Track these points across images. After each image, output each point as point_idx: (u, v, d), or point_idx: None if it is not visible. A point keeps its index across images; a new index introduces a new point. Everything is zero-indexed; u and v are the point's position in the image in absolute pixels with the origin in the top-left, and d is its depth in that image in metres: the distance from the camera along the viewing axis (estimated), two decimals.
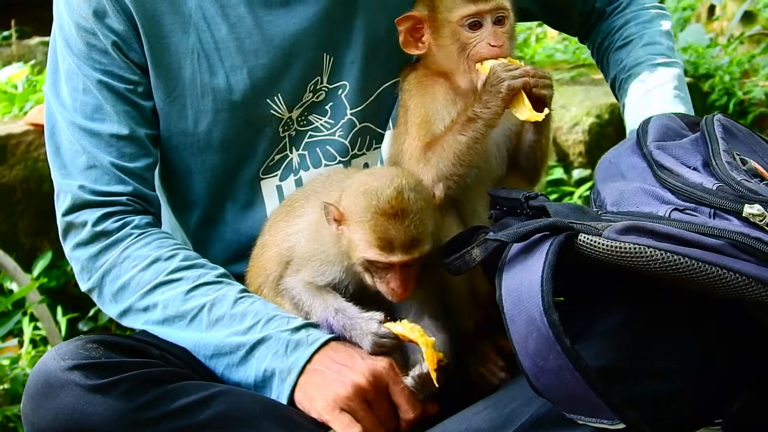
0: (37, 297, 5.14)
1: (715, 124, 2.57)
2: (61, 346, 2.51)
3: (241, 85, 2.81)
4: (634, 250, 2.19)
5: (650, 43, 3.01)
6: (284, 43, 2.80)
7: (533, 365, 2.23)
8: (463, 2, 2.69)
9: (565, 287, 2.30)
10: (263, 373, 2.55)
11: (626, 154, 2.59)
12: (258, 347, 2.56)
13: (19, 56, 8.89)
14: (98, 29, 2.75)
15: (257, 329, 2.58)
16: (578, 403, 2.22)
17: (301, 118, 2.87)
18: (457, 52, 2.71)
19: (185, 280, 2.67)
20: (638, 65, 3.00)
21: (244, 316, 2.61)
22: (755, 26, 9.69)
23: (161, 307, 2.65)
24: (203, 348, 2.62)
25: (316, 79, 2.84)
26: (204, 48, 2.79)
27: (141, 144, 2.79)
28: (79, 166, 2.76)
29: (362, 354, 2.54)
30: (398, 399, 2.53)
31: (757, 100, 8.33)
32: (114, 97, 2.77)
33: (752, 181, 2.36)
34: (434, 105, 2.74)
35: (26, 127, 5.85)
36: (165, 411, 2.44)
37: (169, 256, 2.70)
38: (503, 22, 2.70)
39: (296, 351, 2.54)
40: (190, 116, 2.83)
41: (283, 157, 2.88)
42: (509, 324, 2.25)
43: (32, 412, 2.46)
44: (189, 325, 2.63)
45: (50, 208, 2.89)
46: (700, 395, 2.43)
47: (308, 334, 2.57)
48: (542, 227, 2.27)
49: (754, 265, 2.17)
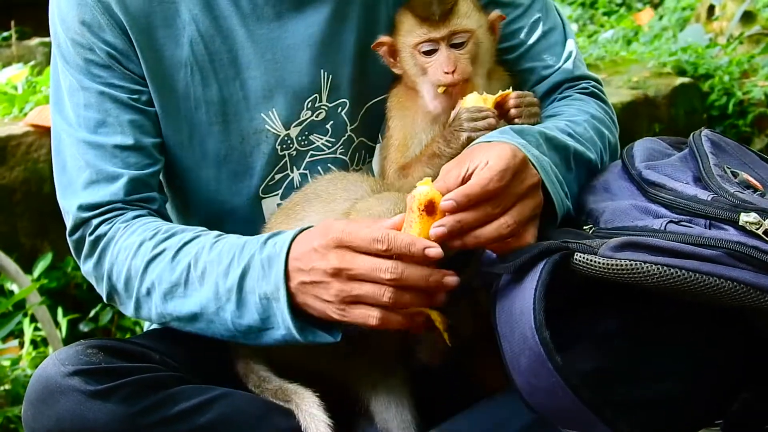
0: (37, 298, 5.14)
1: (703, 140, 2.58)
2: (61, 352, 2.51)
3: (234, 97, 2.82)
4: (631, 266, 2.20)
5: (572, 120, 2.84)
6: (277, 56, 2.80)
7: (526, 383, 2.25)
8: (415, 28, 2.71)
9: (566, 300, 2.31)
10: (261, 304, 2.49)
11: (613, 178, 2.60)
12: (244, 281, 2.50)
13: (18, 57, 8.88)
14: (94, 44, 2.75)
15: (235, 265, 2.52)
16: (572, 418, 2.23)
17: (302, 138, 2.87)
18: (419, 76, 2.74)
19: (168, 250, 2.62)
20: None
21: (220, 258, 2.55)
22: (755, 26, 9.70)
23: (157, 284, 2.62)
24: (208, 307, 2.56)
25: (314, 96, 2.84)
26: (197, 60, 2.79)
27: (146, 153, 2.79)
28: (81, 183, 2.75)
29: (318, 237, 2.43)
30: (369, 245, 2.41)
31: (756, 100, 8.35)
32: (117, 107, 2.76)
33: (745, 192, 2.36)
34: (413, 128, 2.76)
35: (26, 129, 5.84)
36: (165, 416, 2.45)
37: (152, 235, 2.66)
38: (463, 45, 2.70)
39: (272, 267, 2.47)
40: (185, 129, 2.83)
41: (284, 177, 2.88)
42: (502, 342, 2.27)
43: (33, 417, 2.46)
44: (186, 290, 2.59)
45: (50, 210, 2.90)
46: (698, 398, 2.43)
47: (274, 243, 2.50)
48: (538, 255, 2.28)
49: (752, 273, 2.18)
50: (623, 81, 8.28)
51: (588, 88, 2.97)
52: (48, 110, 5.84)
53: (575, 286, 2.35)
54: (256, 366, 2.68)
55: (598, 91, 2.99)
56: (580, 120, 2.78)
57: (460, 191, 2.34)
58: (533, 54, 2.93)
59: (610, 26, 10.89)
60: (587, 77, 2.99)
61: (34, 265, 5.64)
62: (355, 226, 2.38)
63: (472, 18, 2.73)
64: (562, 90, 2.95)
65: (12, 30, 9.51)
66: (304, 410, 2.54)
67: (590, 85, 2.98)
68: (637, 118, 7.84)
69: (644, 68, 8.54)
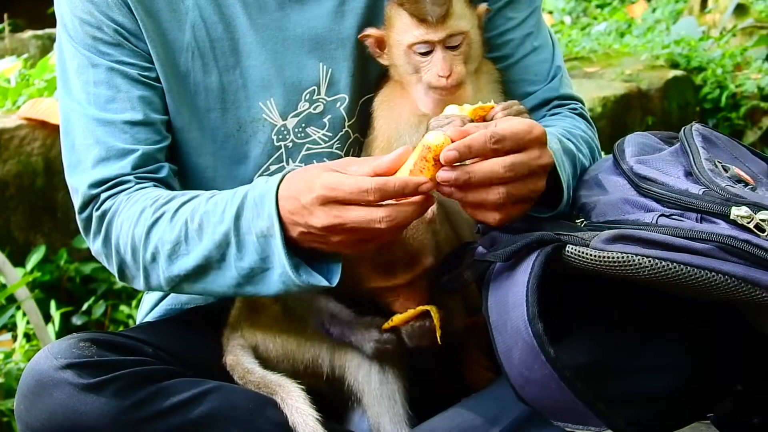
0: (26, 292, 5.12)
1: (694, 134, 2.58)
2: (53, 345, 2.52)
3: (233, 85, 2.82)
4: (623, 258, 2.21)
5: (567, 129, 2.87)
6: (277, 46, 2.80)
7: (519, 375, 2.25)
8: (412, 29, 2.67)
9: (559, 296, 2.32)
10: (259, 243, 2.49)
11: (605, 174, 2.60)
12: (240, 222, 2.51)
13: (12, 50, 8.86)
14: (103, 23, 2.75)
15: (229, 209, 2.53)
16: (565, 411, 2.24)
17: (298, 130, 2.87)
18: (412, 74, 2.71)
19: (167, 213, 2.61)
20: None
21: (215, 207, 2.55)
22: (747, 19, 9.71)
23: (160, 247, 2.61)
24: (211, 257, 2.56)
25: (313, 88, 2.84)
26: (199, 46, 2.79)
27: (155, 129, 2.79)
28: (92, 160, 2.75)
29: (303, 192, 2.41)
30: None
31: (749, 93, 8.35)
32: (128, 83, 2.76)
33: (736, 186, 2.37)
34: (398, 129, 2.75)
35: (19, 122, 5.82)
36: (158, 409, 2.46)
37: (152, 202, 2.65)
38: (458, 47, 2.68)
39: (263, 204, 2.47)
40: (185, 113, 2.83)
41: (279, 168, 2.87)
42: (495, 334, 2.27)
43: (26, 411, 2.47)
44: (187, 246, 2.58)
45: (43, 203, 2.90)
46: (692, 391, 2.43)
47: (266, 180, 2.51)
48: (530, 243, 2.28)
49: (743, 267, 2.18)
50: (616, 74, 8.28)
51: (577, 109, 2.98)
52: (41, 103, 5.89)
53: (568, 279, 2.36)
54: (243, 358, 2.68)
55: (584, 113, 3.01)
56: (576, 133, 2.81)
57: (469, 139, 2.33)
58: (521, 67, 2.93)
59: (603, 19, 10.87)
60: (573, 98, 3.01)
61: (27, 258, 5.64)
62: (337, 177, 2.36)
63: (466, 18, 2.70)
64: (551, 107, 2.96)
65: (5, 23, 9.50)
66: (290, 405, 2.54)
67: (578, 106, 2.99)
68: (630, 110, 7.85)
69: (637, 61, 8.54)
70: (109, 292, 5.74)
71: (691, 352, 2.41)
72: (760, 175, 2.58)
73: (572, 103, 2.99)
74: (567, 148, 2.63)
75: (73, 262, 5.76)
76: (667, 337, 2.41)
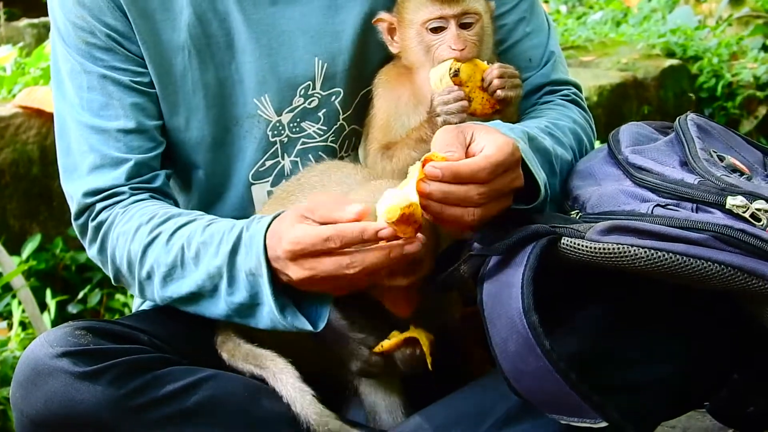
0: (21, 281, 5.12)
1: (689, 124, 2.58)
2: (49, 333, 2.52)
3: (229, 81, 2.82)
4: (618, 250, 2.21)
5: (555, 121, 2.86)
6: (271, 42, 2.81)
7: (513, 368, 2.25)
8: (427, 5, 2.70)
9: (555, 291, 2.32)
10: (248, 281, 2.51)
11: (599, 164, 2.60)
12: (234, 259, 2.52)
13: (7, 38, 8.85)
14: (95, 27, 2.76)
15: (225, 244, 2.54)
16: (559, 403, 2.23)
17: (293, 125, 2.87)
18: (422, 54, 2.72)
19: (163, 234, 2.64)
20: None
21: (212, 238, 2.57)
22: (743, 8, 9.71)
23: (155, 267, 2.64)
24: (204, 287, 2.59)
25: (308, 83, 2.84)
26: (195, 44, 2.79)
27: (149, 136, 2.80)
28: (86, 167, 2.77)
29: (275, 247, 2.45)
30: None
31: (745, 83, 8.35)
32: (120, 90, 2.78)
33: (732, 176, 2.37)
34: (397, 110, 2.77)
35: (15, 110, 5.82)
36: (153, 397, 2.46)
37: (148, 219, 2.68)
38: (471, 26, 2.70)
39: (252, 244, 2.49)
40: (182, 113, 2.83)
41: (275, 164, 2.88)
42: (489, 327, 2.27)
43: (21, 399, 2.47)
44: (183, 271, 2.61)
45: (39, 191, 2.91)
46: (687, 382, 2.44)
47: (259, 220, 2.53)
48: (526, 237, 2.29)
49: (739, 256, 2.18)
50: (612, 63, 8.28)
51: (569, 95, 2.98)
52: (37, 92, 5.88)
53: (563, 270, 2.36)
54: (234, 335, 2.68)
55: (578, 99, 3.00)
56: (562, 124, 2.80)
57: (453, 167, 2.35)
58: (515, 53, 2.94)
59: (600, 8, 10.86)
60: (568, 83, 3.01)
61: (23, 246, 5.64)
62: (301, 230, 2.39)
63: (480, 1, 2.74)
64: (542, 94, 2.97)
65: (0, 11, 9.48)
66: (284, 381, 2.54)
67: (571, 92, 2.99)
68: (626, 100, 7.85)
69: (633, 50, 8.54)
70: (105, 281, 5.74)
71: (687, 341, 2.41)
72: (756, 164, 2.58)
73: (566, 88, 2.98)
74: (541, 147, 2.62)
75: (68, 250, 5.76)
76: (662, 327, 2.42)
